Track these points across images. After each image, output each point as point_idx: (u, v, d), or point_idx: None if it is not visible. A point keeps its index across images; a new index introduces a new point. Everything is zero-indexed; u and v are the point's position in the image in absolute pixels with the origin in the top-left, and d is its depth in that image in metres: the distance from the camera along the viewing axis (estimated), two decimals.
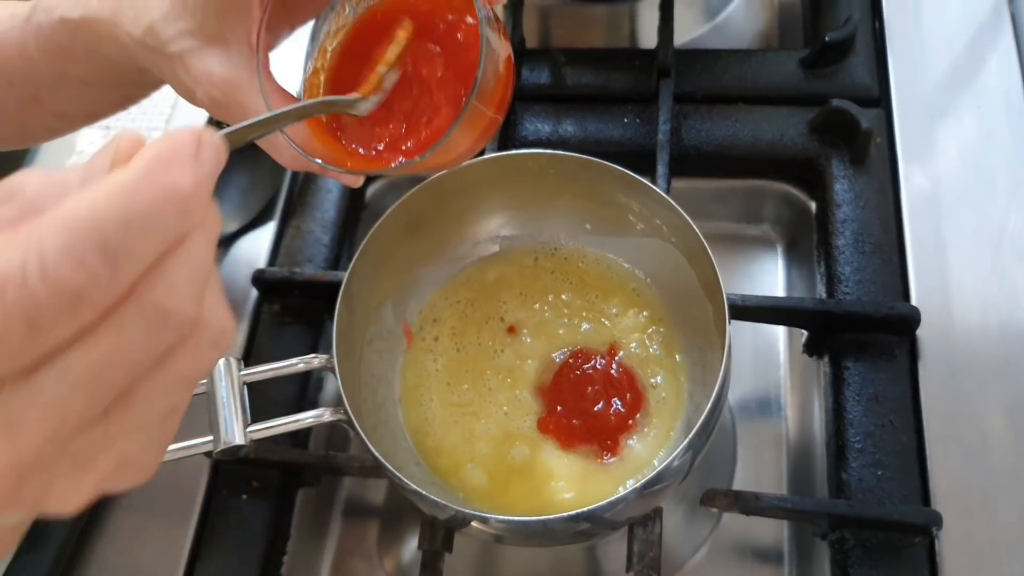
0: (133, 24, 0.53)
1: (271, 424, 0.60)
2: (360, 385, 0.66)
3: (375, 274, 0.67)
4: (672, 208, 0.63)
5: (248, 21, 0.52)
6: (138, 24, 0.52)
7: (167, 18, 0.52)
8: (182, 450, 0.59)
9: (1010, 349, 0.69)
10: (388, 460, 0.58)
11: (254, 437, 0.59)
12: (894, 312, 0.70)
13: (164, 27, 0.52)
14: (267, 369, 0.63)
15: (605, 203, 0.68)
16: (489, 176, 0.69)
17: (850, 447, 0.67)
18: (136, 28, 0.53)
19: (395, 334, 0.71)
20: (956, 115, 0.80)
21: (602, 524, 0.61)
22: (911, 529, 0.63)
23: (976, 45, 0.83)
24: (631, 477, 0.64)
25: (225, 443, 0.58)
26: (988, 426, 0.67)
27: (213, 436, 0.59)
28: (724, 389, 0.59)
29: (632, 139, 0.83)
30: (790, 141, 0.81)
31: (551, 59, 0.87)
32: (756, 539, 0.73)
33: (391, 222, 0.66)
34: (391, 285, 0.70)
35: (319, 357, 0.63)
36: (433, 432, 0.68)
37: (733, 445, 0.77)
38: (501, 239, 0.74)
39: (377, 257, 0.66)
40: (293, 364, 0.63)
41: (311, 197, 0.85)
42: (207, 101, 0.53)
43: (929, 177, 0.77)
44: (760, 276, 0.86)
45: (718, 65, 0.85)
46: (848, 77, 0.83)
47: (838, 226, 0.76)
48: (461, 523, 0.61)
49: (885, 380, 0.69)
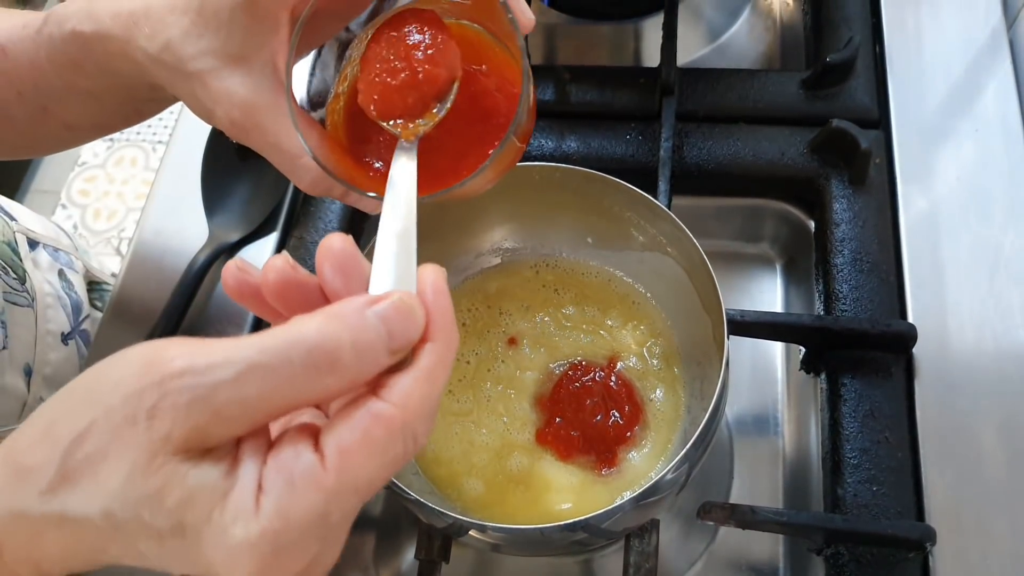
0: (149, 40, 0.52)
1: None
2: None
3: None
4: (674, 223, 0.64)
5: (274, 42, 0.51)
6: (154, 41, 0.52)
7: (187, 36, 0.51)
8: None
9: (1004, 367, 0.70)
10: None
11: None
12: (891, 330, 0.70)
13: (183, 45, 0.51)
14: None
15: (607, 217, 0.69)
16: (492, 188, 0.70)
17: (846, 463, 0.68)
18: (152, 45, 0.52)
19: None
20: (954, 138, 0.81)
21: (598, 534, 0.62)
22: (905, 544, 0.63)
23: (975, 70, 0.84)
24: (628, 489, 0.64)
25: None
26: (982, 443, 0.67)
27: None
28: (722, 402, 0.59)
29: (634, 156, 0.84)
30: (790, 161, 0.82)
31: (556, 76, 0.88)
32: (752, 553, 0.73)
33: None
34: None
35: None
36: (432, 442, 0.68)
37: (730, 460, 0.77)
38: (503, 251, 0.75)
39: None
40: None
41: (314, 208, 0.85)
42: (226, 122, 0.53)
43: (927, 198, 0.78)
44: (759, 294, 0.87)
45: (720, 84, 0.86)
46: (848, 99, 0.84)
47: (837, 245, 0.77)
48: (459, 532, 0.61)
49: (881, 397, 0.70)
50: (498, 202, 0.71)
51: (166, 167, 0.91)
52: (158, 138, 2.46)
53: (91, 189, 2.40)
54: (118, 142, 2.45)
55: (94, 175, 2.42)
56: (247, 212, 0.86)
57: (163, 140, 2.44)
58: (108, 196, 2.39)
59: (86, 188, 2.40)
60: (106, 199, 2.38)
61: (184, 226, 0.86)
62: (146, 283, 0.84)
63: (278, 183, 0.86)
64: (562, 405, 0.67)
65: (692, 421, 0.66)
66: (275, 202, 0.86)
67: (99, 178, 2.41)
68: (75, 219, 2.35)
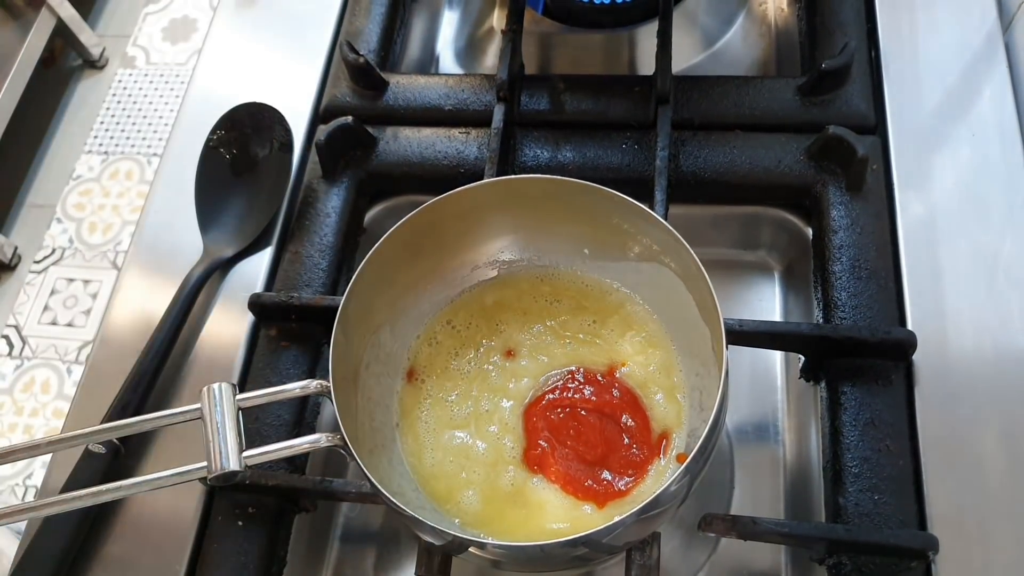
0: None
1: (267, 450, 0.60)
2: (357, 410, 0.65)
3: (373, 298, 0.67)
4: (670, 233, 0.64)
5: None
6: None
7: None
8: (176, 476, 0.59)
9: (1005, 373, 0.70)
10: (385, 486, 0.57)
11: (249, 463, 0.59)
12: (890, 337, 0.70)
13: None
14: (263, 394, 0.62)
15: (603, 228, 0.69)
16: (489, 201, 0.69)
17: (847, 472, 0.67)
18: None
19: (393, 358, 0.71)
20: (951, 143, 0.81)
21: (599, 549, 0.61)
22: (908, 554, 0.63)
23: (971, 74, 0.84)
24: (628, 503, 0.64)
25: (220, 469, 0.58)
26: (984, 450, 0.67)
27: (207, 462, 0.59)
28: (722, 413, 0.59)
29: (630, 165, 0.83)
30: (787, 168, 0.81)
31: (550, 85, 0.88)
32: (754, 563, 0.73)
33: (389, 246, 0.66)
34: (389, 309, 0.70)
35: (315, 383, 0.63)
36: (431, 457, 0.68)
37: (731, 470, 0.77)
38: (500, 263, 0.75)
39: (375, 281, 0.66)
40: (289, 390, 0.63)
41: (309, 222, 0.85)
42: None
43: (925, 204, 0.78)
44: (757, 302, 0.86)
45: (716, 92, 0.86)
46: (844, 105, 0.84)
47: (835, 252, 0.76)
48: (459, 549, 0.60)
49: (881, 405, 0.69)
50: (495, 215, 0.71)
51: (161, 179, 0.91)
52: (153, 151, 2.45)
53: (86, 203, 2.39)
54: (112, 155, 2.45)
55: (89, 188, 2.41)
56: (242, 227, 0.85)
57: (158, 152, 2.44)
58: (103, 209, 2.38)
59: (81, 202, 2.39)
60: (101, 212, 2.38)
61: (180, 238, 0.86)
62: (142, 297, 0.83)
63: (272, 198, 0.85)
64: (557, 422, 0.67)
65: (692, 432, 0.65)
66: (270, 217, 0.85)
67: (94, 191, 2.41)
68: (71, 233, 2.34)
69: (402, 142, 0.88)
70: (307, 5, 1.00)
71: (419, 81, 0.92)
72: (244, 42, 0.99)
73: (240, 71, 0.96)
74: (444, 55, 1.06)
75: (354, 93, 0.92)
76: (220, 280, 0.83)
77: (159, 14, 2.66)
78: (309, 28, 0.98)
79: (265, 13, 1.01)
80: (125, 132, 2.47)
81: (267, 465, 0.60)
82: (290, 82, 0.94)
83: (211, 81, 0.96)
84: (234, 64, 0.97)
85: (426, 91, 0.90)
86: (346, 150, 0.87)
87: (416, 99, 0.90)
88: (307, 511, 0.75)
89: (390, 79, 0.91)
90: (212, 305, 0.82)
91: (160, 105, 2.51)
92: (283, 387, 0.63)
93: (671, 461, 0.65)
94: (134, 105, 2.51)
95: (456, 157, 0.86)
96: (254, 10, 1.01)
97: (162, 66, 2.57)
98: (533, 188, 0.68)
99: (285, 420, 0.75)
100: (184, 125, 0.93)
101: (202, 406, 0.60)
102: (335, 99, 0.92)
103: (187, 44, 2.60)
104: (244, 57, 0.98)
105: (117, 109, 2.51)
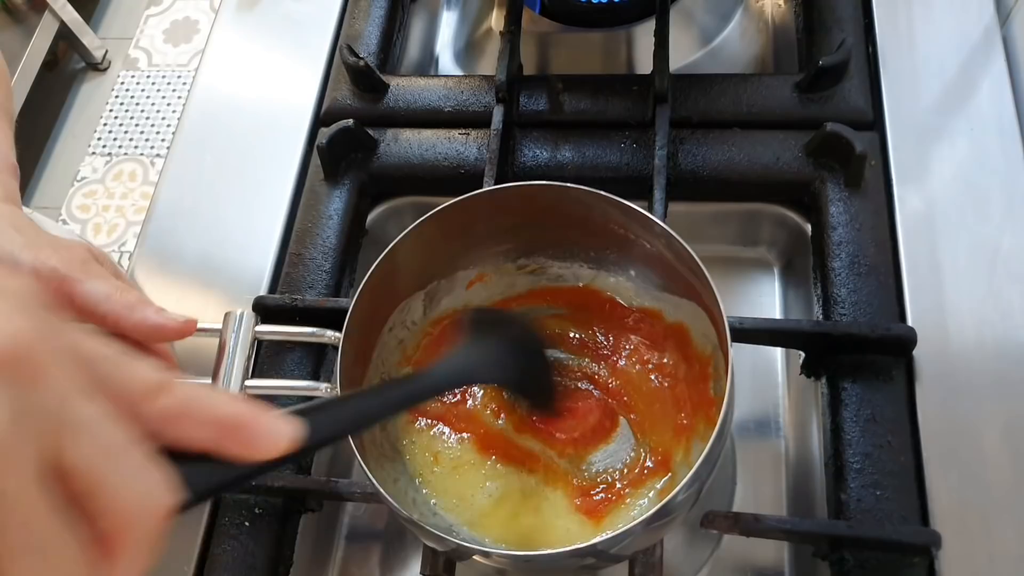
0: None
1: (267, 383, 0.62)
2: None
3: (379, 299, 0.67)
4: (671, 237, 0.63)
5: None
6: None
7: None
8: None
9: (1006, 368, 0.70)
10: (389, 488, 0.58)
11: (250, 392, 0.59)
12: (891, 333, 0.70)
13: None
14: (281, 331, 0.66)
15: (603, 232, 0.69)
16: (491, 206, 0.69)
17: (849, 468, 0.67)
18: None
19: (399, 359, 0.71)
20: (949, 138, 0.81)
21: (606, 559, 0.61)
22: (910, 549, 0.63)
23: (968, 68, 0.84)
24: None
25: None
26: (986, 445, 0.67)
27: (212, 382, 0.59)
28: (728, 417, 0.58)
29: (629, 164, 0.84)
30: (785, 165, 0.82)
31: (548, 85, 0.88)
32: (756, 560, 0.73)
33: (396, 253, 0.65)
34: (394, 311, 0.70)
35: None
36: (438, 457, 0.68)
37: (733, 466, 0.77)
38: (498, 267, 0.75)
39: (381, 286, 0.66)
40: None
41: (311, 224, 0.85)
42: None
43: (923, 199, 0.78)
44: (757, 298, 0.87)
45: (714, 90, 0.86)
46: (842, 101, 0.84)
47: (834, 248, 0.76)
48: (462, 556, 0.60)
49: (882, 401, 0.70)
50: (493, 220, 0.71)
51: (165, 180, 0.91)
52: (156, 151, 2.46)
53: (91, 204, 2.40)
54: (116, 156, 2.45)
55: (93, 190, 2.42)
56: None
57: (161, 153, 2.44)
58: (108, 211, 2.38)
59: (86, 203, 2.40)
60: (106, 214, 2.38)
61: (185, 239, 0.86)
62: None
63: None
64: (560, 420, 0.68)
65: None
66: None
67: (98, 193, 2.41)
68: (76, 235, 2.34)
69: (403, 144, 0.88)
70: (307, 8, 1.00)
71: (419, 83, 0.92)
72: (245, 44, 0.99)
73: (242, 73, 0.97)
74: (443, 56, 1.06)
75: (355, 96, 0.92)
76: (225, 281, 0.84)
77: (160, 16, 2.67)
78: (309, 31, 0.98)
79: (266, 16, 1.01)
80: (128, 133, 2.47)
81: (273, 466, 0.60)
82: (291, 85, 0.95)
83: (213, 83, 0.97)
84: (236, 66, 0.98)
85: (426, 93, 0.91)
86: (347, 152, 0.87)
87: (416, 101, 0.90)
88: (313, 511, 0.76)
89: (390, 81, 0.92)
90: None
91: (163, 106, 2.51)
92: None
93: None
94: (137, 106, 2.52)
95: (456, 158, 0.86)
96: (255, 13, 1.01)
97: (164, 67, 2.58)
98: (531, 193, 0.67)
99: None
100: (187, 126, 0.94)
101: (222, 327, 0.60)
102: (336, 102, 0.92)
103: (188, 46, 2.61)
104: (245, 59, 0.98)
105: (120, 110, 2.51)
